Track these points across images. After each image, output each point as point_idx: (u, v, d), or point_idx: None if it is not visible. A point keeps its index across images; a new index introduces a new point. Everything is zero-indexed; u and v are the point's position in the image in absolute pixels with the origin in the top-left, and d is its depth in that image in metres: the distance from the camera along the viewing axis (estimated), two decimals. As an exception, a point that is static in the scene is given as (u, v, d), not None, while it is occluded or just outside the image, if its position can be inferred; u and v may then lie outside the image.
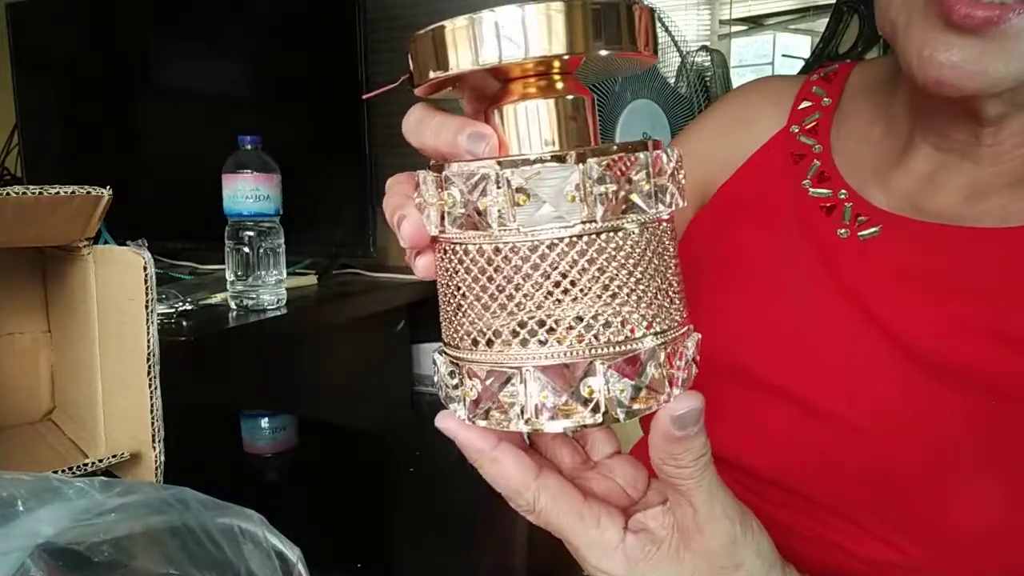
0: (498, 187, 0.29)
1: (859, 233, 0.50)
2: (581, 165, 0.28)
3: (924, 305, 0.46)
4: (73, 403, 0.70)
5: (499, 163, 0.29)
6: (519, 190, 0.28)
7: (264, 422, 0.87)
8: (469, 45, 0.29)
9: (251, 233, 1.16)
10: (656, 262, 0.30)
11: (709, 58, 1.55)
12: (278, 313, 1.17)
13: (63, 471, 0.57)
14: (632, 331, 0.30)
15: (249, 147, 1.16)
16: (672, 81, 1.47)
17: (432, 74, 0.30)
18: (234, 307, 1.17)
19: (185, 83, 1.58)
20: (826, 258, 0.50)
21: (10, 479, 0.40)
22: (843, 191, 0.52)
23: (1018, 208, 0.46)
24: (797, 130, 0.57)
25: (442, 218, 0.31)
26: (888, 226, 0.49)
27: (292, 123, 1.45)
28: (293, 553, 0.42)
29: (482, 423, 0.31)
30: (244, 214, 1.15)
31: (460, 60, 0.29)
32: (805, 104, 0.58)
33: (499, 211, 0.29)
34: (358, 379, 1.42)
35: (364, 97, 0.37)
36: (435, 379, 0.34)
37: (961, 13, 0.39)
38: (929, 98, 0.48)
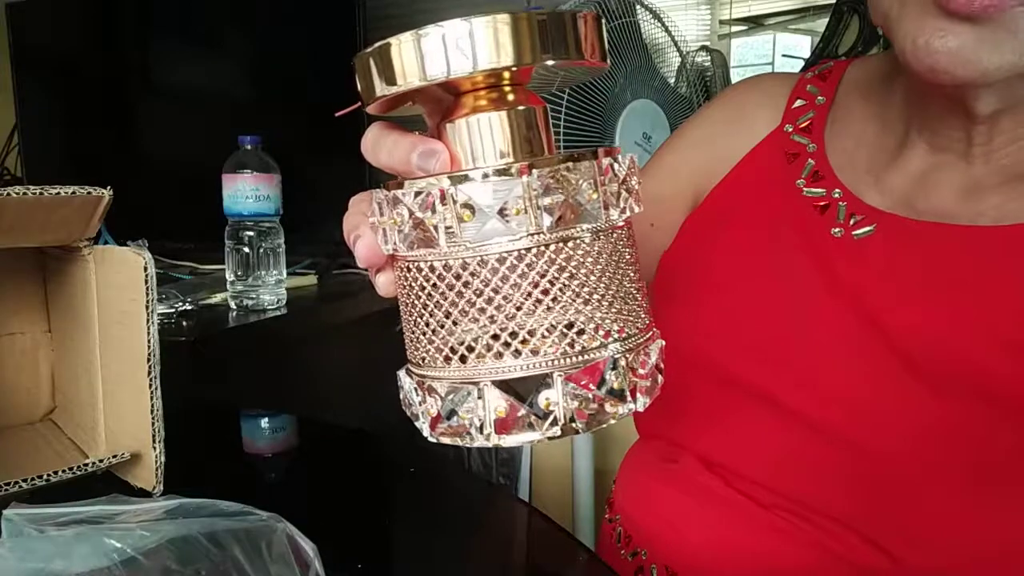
0: (443, 204, 0.29)
1: (853, 232, 0.50)
2: (525, 177, 0.28)
3: (918, 304, 0.46)
4: (73, 403, 0.70)
5: (444, 180, 0.29)
6: (464, 206, 0.28)
7: (264, 422, 0.87)
8: (416, 61, 0.29)
9: (251, 233, 1.16)
10: (612, 270, 0.30)
11: (709, 58, 1.55)
12: (278, 313, 1.17)
13: (63, 471, 0.57)
14: (589, 341, 0.30)
15: (249, 147, 1.16)
16: (672, 81, 1.47)
17: (379, 91, 0.30)
18: (234, 307, 1.17)
19: (185, 83, 1.58)
20: (820, 257, 0.50)
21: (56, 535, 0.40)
22: (837, 190, 0.52)
23: (1012, 207, 0.46)
24: (791, 129, 0.56)
25: (394, 236, 0.31)
26: (882, 225, 0.49)
27: (292, 123, 1.45)
28: (311, 550, 0.42)
29: (444, 440, 0.31)
30: (244, 214, 1.15)
31: (407, 76, 0.29)
32: (799, 103, 0.57)
33: (446, 227, 0.29)
34: (358, 379, 1.42)
35: (336, 115, 0.37)
36: (401, 397, 0.34)
37: (959, 1, 0.39)
38: (924, 93, 0.47)
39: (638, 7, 1.38)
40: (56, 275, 0.69)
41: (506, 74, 0.30)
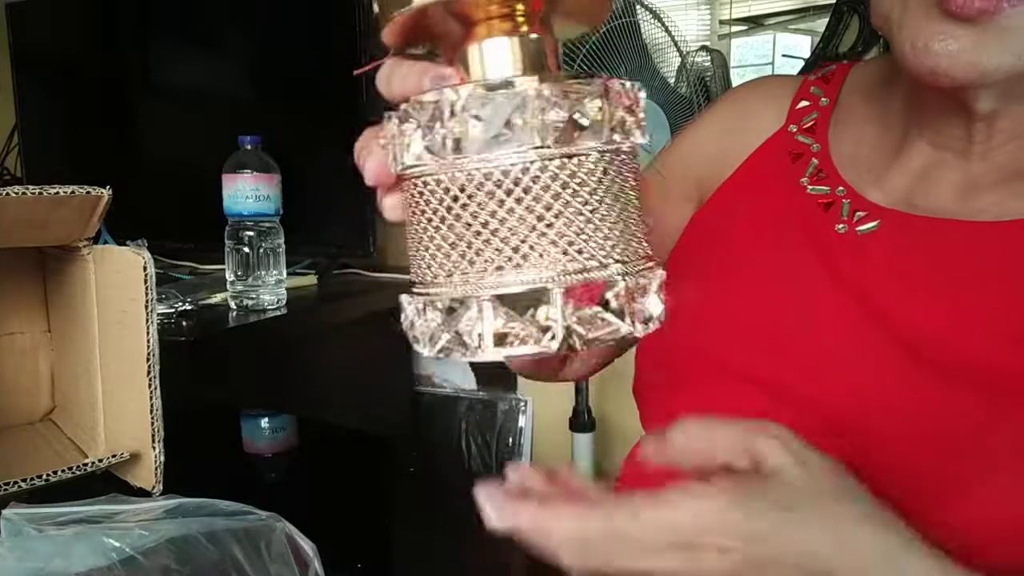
0: (451, 116, 0.29)
1: (857, 228, 0.50)
2: (532, 90, 0.28)
3: (922, 298, 0.46)
4: (73, 403, 0.70)
5: (451, 92, 0.29)
6: (473, 117, 0.29)
7: (264, 422, 0.87)
8: None
9: (251, 233, 1.16)
10: (615, 192, 0.30)
11: (709, 58, 1.55)
12: (278, 313, 1.17)
13: (63, 471, 0.57)
14: (589, 259, 0.30)
15: (249, 147, 1.16)
16: (672, 81, 1.47)
17: (398, 13, 0.30)
18: (234, 307, 1.17)
19: (185, 83, 1.58)
20: (824, 253, 0.51)
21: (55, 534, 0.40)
22: (841, 188, 0.53)
23: (1012, 204, 0.46)
24: (795, 129, 0.57)
25: (403, 153, 0.31)
26: (885, 221, 0.50)
27: (292, 123, 1.45)
28: (311, 549, 0.42)
29: (442, 356, 0.31)
30: (244, 214, 1.15)
31: None
32: (803, 104, 0.58)
33: (453, 139, 0.29)
34: (358, 379, 1.42)
35: (355, 73, 0.38)
36: (401, 320, 0.34)
37: (959, 2, 0.39)
38: (923, 92, 0.48)
39: (638, 7, 1.38)
40: (56, 275, 0.69)
41: (519, 6, 0.31)
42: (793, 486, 0.34)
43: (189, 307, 1.12)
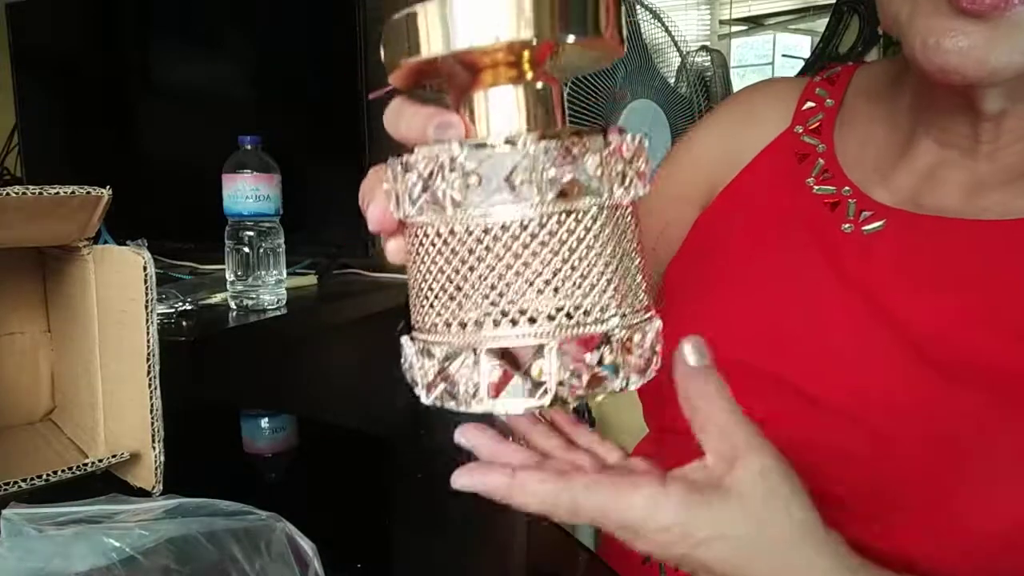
0: (451, 170, 0.29)
1: (863, 228, 0.51)
2: (532, 148, 0.29)
3: (928, 297, 0.46)
4: (73, 403, 0.70)
5: (453, 147, 0.29)
6: (471, 173, 0.29)
7: (264, 422, 0.87)
8: (440, 29, 0.29)
9: (251, 233, 1.16)
10: (613, 247, 0.31)
11: (709, 58, 1.55)
12: (278, 313, 1.17)
13: (63, 471, 0.57)
14: (585, 315, 0.30)
15: (249, 147, 1.16)
16: (672, 81, 1.47)
17: (403, 60, 0.31)
18: (234, 307, 1.17)
19: (185, 83, 1.58)
20: (831, 253, 0.51)
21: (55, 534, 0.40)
22: (847, 187, 0.53)
23: (1017, 204, 0.47)
24: (801, 130, 0.57)
25: (404, 202, 0.31)
26: (891, 220, 0.50)
27: (292, 123, 1.45)
28: (311, 549, 0.43)
29: (437, 405, 0.32)
30: (244, 214, 1.15)
31: (431, 44, 0.30)
32: (808, 105, 0.58)
33: (453, 194, 0.29)
34: (358, 379, 1.42)
35: (371, 96, 0.38)
36: (402, 362, 0.34)
37: None
38: (930, 91, 0.48)
39: (638, 7, 1.38)
40: (56, 275, 0.69)
41: (525, 53, 0.31)
42: (746, 513, 0.34)
43: (189, 307, 1.12)
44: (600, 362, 0.30)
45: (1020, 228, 0.46)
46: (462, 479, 0.34)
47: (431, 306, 0.32)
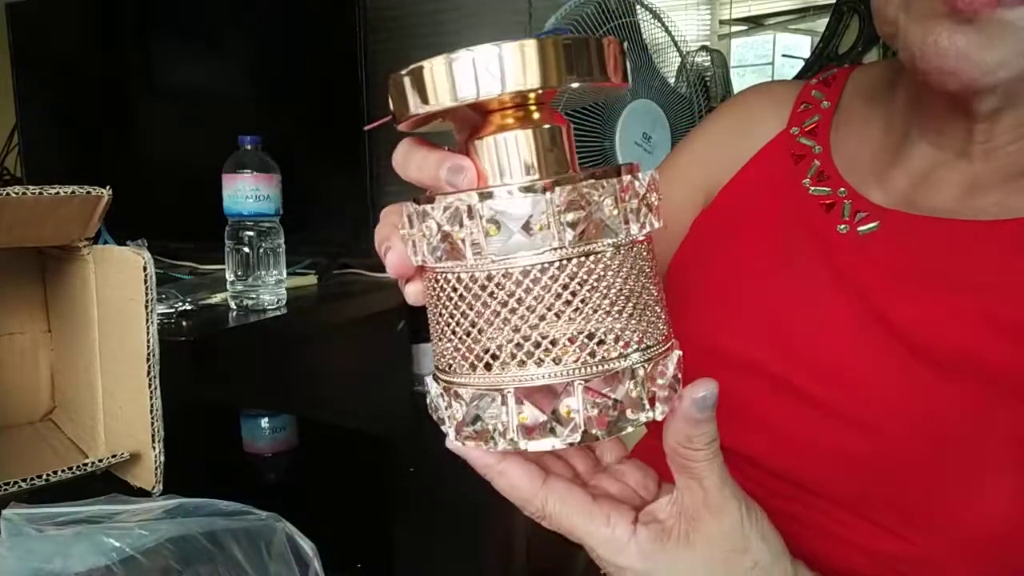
0: (470, 219, 0.30)
1: (858, 229, 0.51)
2: (549, 194, 0.29)
3: (923, 298, 0.46)
4: (73, 403, 0.70)
5: (471, 196, 0.30)
6: (490, 221, 0.30)
7: (264, 422, 0.87)
8: (447, 82, 0.30)
9: (251, 233, 1.16)
10: (632, 283, 0.31)
11: (709, 58, 1.55)
12: (278, 313, 1.17)
13: (63, 471, 0.57)
14: (609, 351, 0.31)
15: (249, 147, 1.16)
16: (672, 81, 1.47)
17: (412, 110, 0.31)
18: (234, 307, 1.17)
19: (185, 83, 1.58)
20: (826, 254, 0.51)
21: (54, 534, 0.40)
22: (842, 189, 0.53)
23: (1013, 204, 0.47)
24: (797, 132, 0.58)
25: (423, 250, 0.32)
26: (887, 221, 0.50)
27: (292, 123, 1.45)
28: (311, 549, 0.43)
29: (469, 444, 0.33)
30: (244, 214, 1.15)
31: (439, 97, 0.30)
32: (804, 107, 0.59)
33: (473, 241, 0.30)
34: (358, 379, 1.42)
35: (366, 128, 0.38)
36: (428, 402, 0.35)
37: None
38: (926, 93, 0.48)
39: (638, 7, 1.38)
40: (56, 275, 0.69)
41: (532, 95, 0.31)
42: (707, 568, 0.35)
43: (189, 307, 1.12)
44: (626, 396, 0.31)
45: (1015, 228, 0.46)
46: (452, 443, 0.35)
47: (455, 349, 0.32)
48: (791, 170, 0.56)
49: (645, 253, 0.33)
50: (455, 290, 0.32)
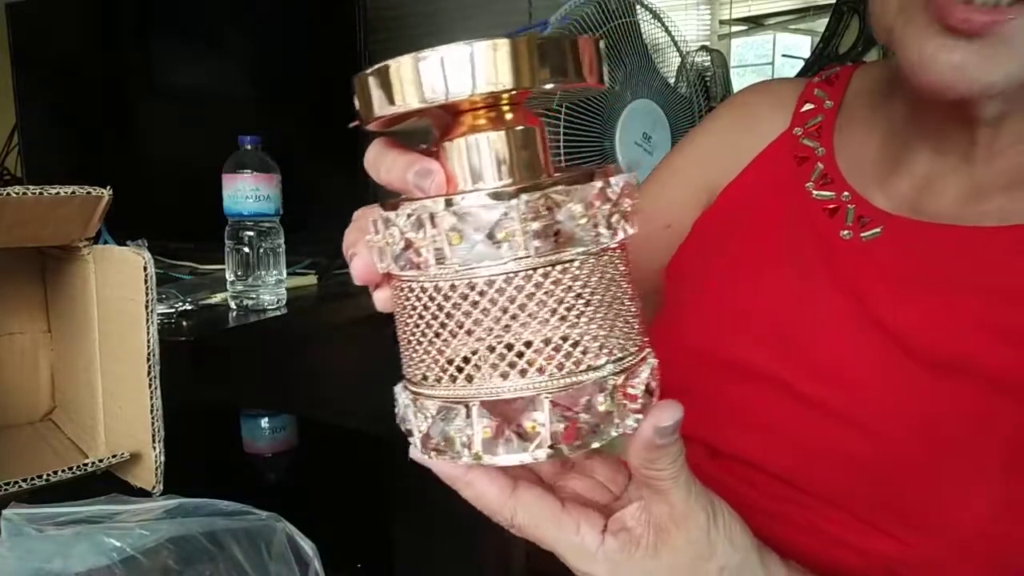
0: (433, 227, 0.29)
1: (861, 234, 0.51)
2: (514, 201, 0.28)
3: (926, 304, 0.46)
4: (73, 403, 0.70)
5: (434, 203, 0.29)
6: (453, 229, 0.28)
7: (264, 422, 0.87)
8: (414, 83, 0.28)
9: (251, 233, 1.16)
10: (602, 293, 0.30)
11: (709, 58, 1.55)
12: (278, 313, 1.17)
13: (63, 471, 0.57)
14: (577, 364, 0.30)
15: (249, 147, 1.16)
16: (672, 81, 1.47)
17: (377, 112, 0.30)
18: (234, 307, 1.17)
19: (185, 83, 1.58)
20: (829, 259, 0.51)
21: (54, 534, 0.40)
22: (846, 193, 0.53)
23: (1016, 209, 0.46)
24: (800, 132, 0.58)
25: (387, 257, 0.31)
26: (890, 227, 0.50)
27: (292, 123, 1.45)
28: (311, 549, 0.43)
29: (434, 456, 0.31)
30: (244, 214, 1.14)
31: (406, 98, 0.29)
32: (808, 106, 0.58)
33: (436, 250, 0.29)
34: (358, 379, 1.42)
35: (350, 126, 0.37)
36: (396, 412, 0.34)
37: (959, 17, 0.39)
38: (927, 101, 0.48)
39: (638, 7, 1.38)
40: (56, 275, 0.69)
41: (504, 96, 0.30)
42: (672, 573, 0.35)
43: (189, 307, 1.12)
44: (595, 410, 0.30)
45: (1017, 234, 0.46)
46: (417, 454, 0.34)
47: (420, 359, 0.31)
48: (794, 173, 0.56)
49: (618, 261, 0.31)
50: (419, 299, 0.30)
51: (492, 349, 0.30)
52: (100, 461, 0.59)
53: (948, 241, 0.47)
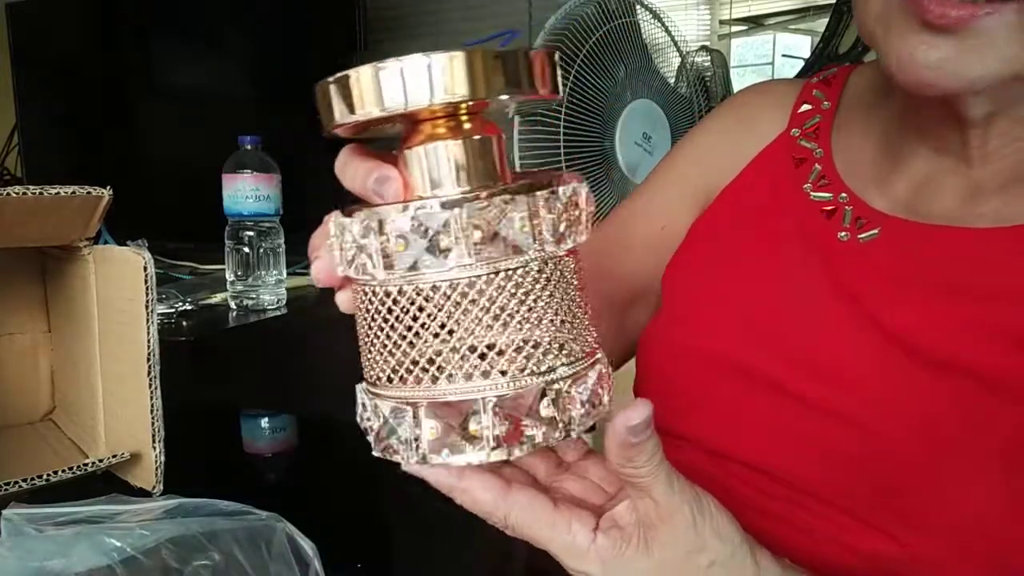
0: (381, 233, 0.30)
1: (859, 236, 0.51)
2: (457, 211, 0.29)
3: (923, 305, 0.46)
4: (73, 403, 0.70)
5: (382, 210, 0.30)
6: (399, 236, 0.30)
7: (264, 422, 0.87)
8: (374, 92, 0.29)
9: (251, 233, 1.16)
10: (547, 299, 0.31)
11: (709, 58, 1.55)
12: (278, 313, 1.17)
13: (63, 471, 0.57)
14: (521, 369, 0.31)
15: (249, 147, 1.16)
16: (672, 81, 1.47)
17: (338, 120, 0.31)
18: (234, 307, 1.17)
19: (185, 83, 1.58)
20: (827, 260, 0.51)
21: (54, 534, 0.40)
22: (843, 194, 0.53)
23: (1013, 210, 0.47)
24: (798, 133, 0.58)
25: (342, 261, 0.32)
26: (887, 228, 0.50)
27: (292, 123, 1.44)
28: (311, 549, 0.43)
29: (386, 456, 0.33)
30: (244, 214, 1.15)
31: (366, 106, 0.30)
32: (805, 107, 0.59)
33: (384, 256, 0.30)
34: (358, 379, 1.42)
35: (323, 134, 0.38)
36: (356, 413, 0.35)
37: (936, 12, 0.40)
38: (915, 101, 0.48)
39: (638, 7, 1.38)
40: (56, 275, 0.70)
41: (461, 105, 0.31)
42: (662, 570, 0.36)
43: (189, 307, 1.12)
44: (538, 414, 0.31)
45: (1014, 235, 0.46)
46: (410, 466, 0.34)
47: (375, 361, 0.32)
48: (792, 174, 0.56)
49: (569, 267, 0.32)
50: (371, 303, 0.32)
51: (438, 353, 0.31)
52: (100, 461, 0.59)
53: (945, 242, 0.47)
